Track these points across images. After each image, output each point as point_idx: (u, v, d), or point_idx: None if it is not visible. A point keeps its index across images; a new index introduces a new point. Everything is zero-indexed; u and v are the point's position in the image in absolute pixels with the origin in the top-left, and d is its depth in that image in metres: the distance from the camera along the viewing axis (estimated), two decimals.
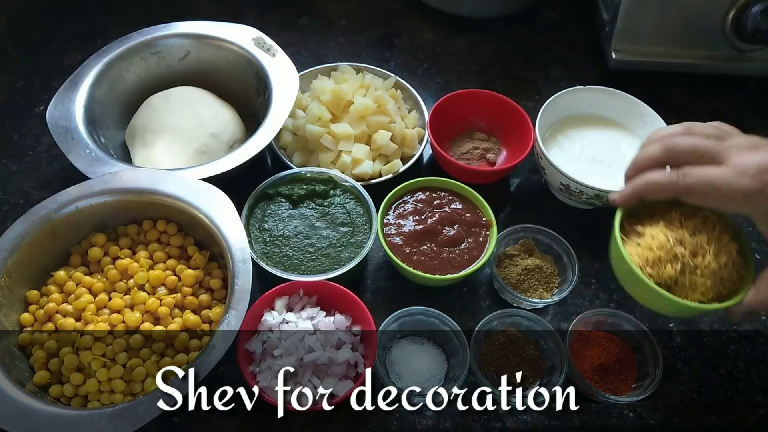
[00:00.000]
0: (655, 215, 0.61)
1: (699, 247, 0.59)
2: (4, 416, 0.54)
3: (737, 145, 0.56)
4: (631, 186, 0.59)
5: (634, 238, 0.61)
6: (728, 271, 0.59)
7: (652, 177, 0.58)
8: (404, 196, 0.75)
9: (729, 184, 0.54)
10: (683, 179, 0.56)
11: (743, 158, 0.54)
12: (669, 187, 0.57)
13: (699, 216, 0.60)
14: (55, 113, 0.74)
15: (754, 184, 0.53)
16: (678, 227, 0.59)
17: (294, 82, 0.78)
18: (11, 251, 0.63)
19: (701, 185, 0.55)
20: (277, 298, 0.64)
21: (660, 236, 0.59)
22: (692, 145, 0.57)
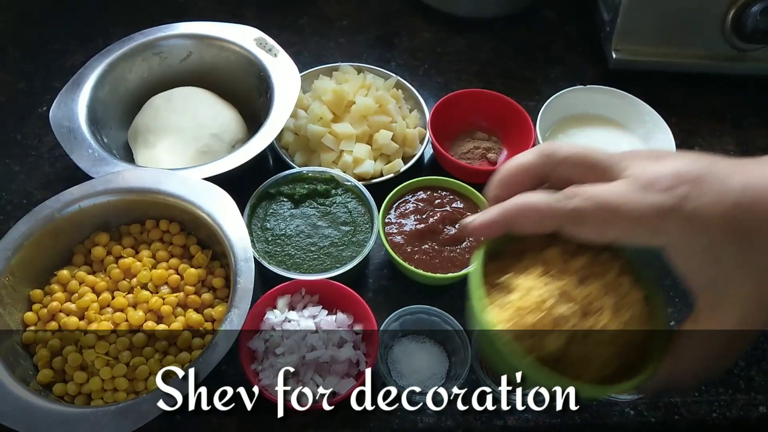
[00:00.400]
0: (526, 256, 0.43)
1: (591, 301, 0.40)
2: (6, 414, 0.54)
3: (634, 155, 0.40)
4: (497, 211, 0.41)
5: (499, 294, 0.42)
6: (633, 332, 0.41)
7: (527, 198, 0.40)
8: (405, 196, 0.75)
9: (632, 202, 0.37)
10: (569, 201, 0.39)
11: (647, 168, 0.38)
12: (549, 213, 0.39)
13: (586, 253, 0.42)
14: (58, 113, 0.74)
15: (665, 200, 0.36)
16: (560, 273, 0.41)
17: (295, 82, 0.79)
18: (15, 250, 0.63)
19: (593, 208, 0.38)
20: (280, 297, 0.65)
21: (536, 290, 0.40)
22: (578, 154, 0.41)
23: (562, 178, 0.41)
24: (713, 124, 0.93)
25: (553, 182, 0.42)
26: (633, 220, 0.37)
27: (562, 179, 0.41)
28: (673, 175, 0.37)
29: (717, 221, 0.35)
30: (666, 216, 0.36)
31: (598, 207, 0.38)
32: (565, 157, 0.41)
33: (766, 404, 0.66)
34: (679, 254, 0.37)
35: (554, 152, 0.41)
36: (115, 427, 0.54)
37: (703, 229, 0.36)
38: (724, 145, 0.90)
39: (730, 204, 0.35)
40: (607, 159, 0.40)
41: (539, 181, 0.42)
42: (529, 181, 0.42)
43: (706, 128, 0.92)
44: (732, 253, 0.36)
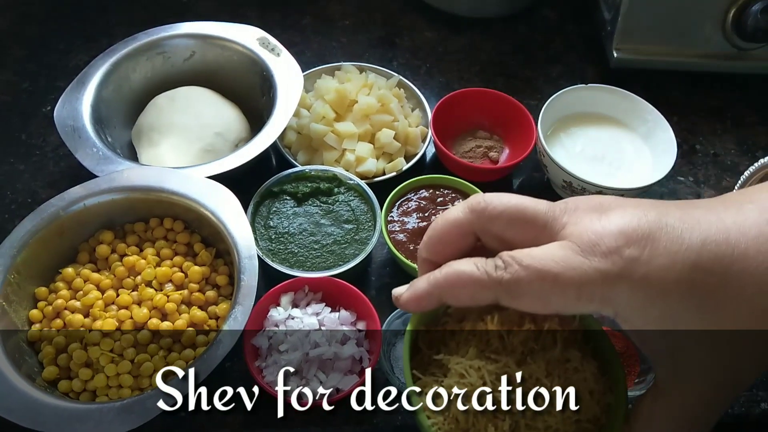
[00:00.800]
0: (466, 323, 0.40)
1: (533, 384, 0.37)
2: (13, 410, 0.55)
3: (577, 206, 0.36)
4: (428, 283, 0.38)
5: (432, 376, 0.39)
6: (589, 412, 0.37)
7: (460, 268, 0.36)
8: (408, 194, 0.75)
9: (574, 269, 0.33)
10: (503, 272, 0.35)
11: (590, 225, 0.34)
12: (483, 285, 0.35)
13: (530, 322, 0.38)
14: (62, 112, 0.75)
15: (611, 264, 0.32)
16: (497, 352, 0.38)
17: (298, 82, 0.79)
18: (20, 248, 0.64)
19: (531, 278, 0.34)
20: (283, 294, 0.65)
21: (470, 378, 0.37)
22: (511, 208, 0.37)
23: (498, 235, 0.37)
24: (714, 123, 0.93)
25: (487, 240, 0.38)
26: (576, 289, 0.33)
27: (498, 237, 0.37)
28: (619, 235, 0.33)
29: (673, 286, 0.32)
30: (613, 283, 0.32)
31: (536, 277, 0.34)
32: (499, 213, 0.37)
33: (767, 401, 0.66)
34: (631, 323, 0.34)
35: (485, 208, 0.37)
36: (121, 422, 0.54)
37: (658, 295, 0.32)
38: (725, 144, 0.91)
39: (687, 266, 0.32)
40: (545, 214, 0.36)
41: (472, 238, 0.39)
42: (460, 241, 0.39)
43: (707, 127, 0.92)
44: (692, 320, 0.32)
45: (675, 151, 0.76)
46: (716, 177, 0.87)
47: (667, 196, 0.84)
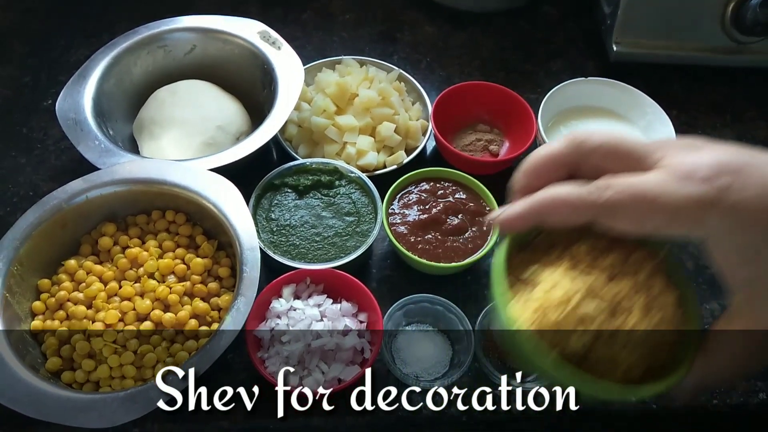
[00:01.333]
0: (553, 250, 0.42)
1: (620, 300, 0.39)
2: (17, 400, 0.55)
3: (672, 144, 0.38)
4: (526, 204, 0.40)
5: (524, 288, 0.41)
6: (663, 333, 0.39)
7: (557, 191, 0.39)
8: (408, 187, 0.76)
9: (670, 193, 0.35)
10: (602, 193, 0.37)
11: (682, 158, 0.36)
12: (581, 206, 0.38)
13: (617, 250, 0.41)
14: (64, 105, 0.75)
15: (706, 190, 0.34)
16: (588, 269, 0.40)
17: (299, 75, 0.79)
18: (23, 240, 0.64)
19: (629, 200, 0.36)
20: (285, 286, 0.65)
21: (562, 286, 0.39)
22: (610, 142, 0.39)
23: (594, 168, 0.39)
24: (713, 116, 0.93)
25: (584, 172, 0.40)
26: (671, 211, 0.35)
27: (594, 169, 0.39)
28: (714, 165, 0.35)
29: (760, 216, 0.34)
30: (706, 208, 0.34)
31: (633, 198, 0.36)
32: (597, 146, 0.39)
33: (765, 391, 0.67)
34: (718, 248, 0.36)
35: (585, 141, 0.39)
36: (125, 412, 0.55)
37: (746, 223, 0.34)
38: (724, 138, 0.90)
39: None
40: (642, 148, 0.38)
41: (569, 171, 0.40)
42: (558, 171, 0.40)
43: (706, 121, 0.93)
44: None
45: None
46: None
47: None
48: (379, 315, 0.63)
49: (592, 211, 0.37)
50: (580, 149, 0.40)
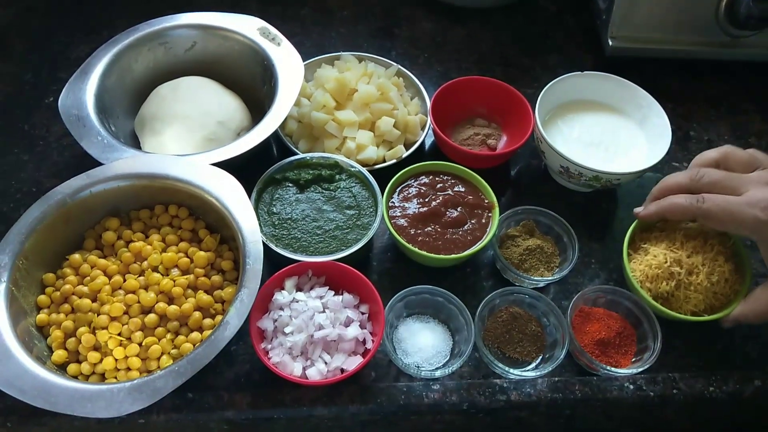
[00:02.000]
0: (661, 235, 0.72)
1: (694, 267, 0.69)
2: (25, 391, 0.56)
3: (758, 179, 0.64)
4: (656, 205, 0.69)
5: (640, 255, 0.72)
6: (721, 288, 0.69)
7: (676, 200, 0.67)
8: (408, 180, 0.77)
9: (741, 213, 0.63)
10: (702, 204, 0.65)
11: (758, 192, 0.63)
12: (689, 210, 0.66)
13: (700, 238, 0.71)
14: (67, 102, 0.76)
15: (762, 215, 0.62)
16: (678, 248, 0.70)
17: (299, 70, 0.80)
18: (28, 234, 0.65)
19: (718, 211, 0.64)
20: (287, 279, 0.66)
21: (660, 256, 0.70)
22: (716, 180, 0.65)
23: (702, 190, 0.66)
24: (708, 110, 0.95)
25: (694, 190, 0.67)
26: (740, 222, 0.63)
27: (702, 190, 0.66)
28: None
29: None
30: (761, 225, 0.62)
31: (721, 211, 0.64)
32: (707, 182, 0.66)
33: (760, 378, 0.68)
34: (763, 247, 0.65)
35: (701, 179, 0.66)
36: (131, 402, 0.56)
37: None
38: (719, 130, 0.92)
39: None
40: (737, 181, 0.65)
41: (685, 190, 0.68)
42: (678, 191, 0.68)
43: (702, 114, 0.94)
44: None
45: (669, 136, 0.77)
46: None
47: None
48: (380, 306, 0.64)
49: (695, 214, 0.66)
50: (696, 183, 0.67)
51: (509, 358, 0.69)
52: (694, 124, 0.93)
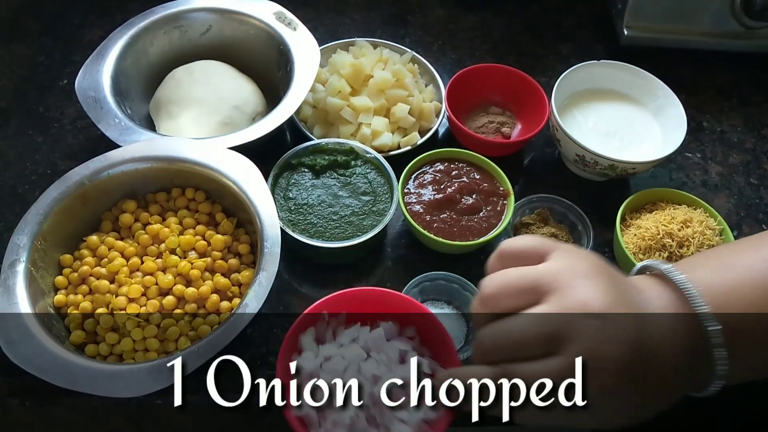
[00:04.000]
0: (653, 208, 0.75)
1: (685, 240, 0.70)
2: (45, 370, 0.56)
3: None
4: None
5: (631, 230, 0.74)
6: None
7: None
8: (424, 167, 0.77)
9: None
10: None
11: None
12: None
13: (689, 215, 0.72)
14: (83, 84, 0.75)
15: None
16: (669, 222, 0.71)
17: (315, 56, 0.80)
18: (46, 215, 0.65)
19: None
20: (302, 335, 0.53)
21: (653, 228, 0.71)
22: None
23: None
24: (721, 101, 0.95)
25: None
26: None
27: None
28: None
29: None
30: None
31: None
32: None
33: None
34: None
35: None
36: (151, 382, 0.56)
37: None
38: (731, 122, 0.92)
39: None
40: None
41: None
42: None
43: (714, 105, 0.94)
44: None
45: (685, 126, 0.78)
46: (723, 154, 0.88)
47: (676, 171, 0.86)
48: (436, 323, 0.52)
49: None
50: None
51: None
52: (707, 116, 0.93)
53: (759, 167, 0.87)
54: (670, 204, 0.75)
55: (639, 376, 0.40)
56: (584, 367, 0.39)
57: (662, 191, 0.76)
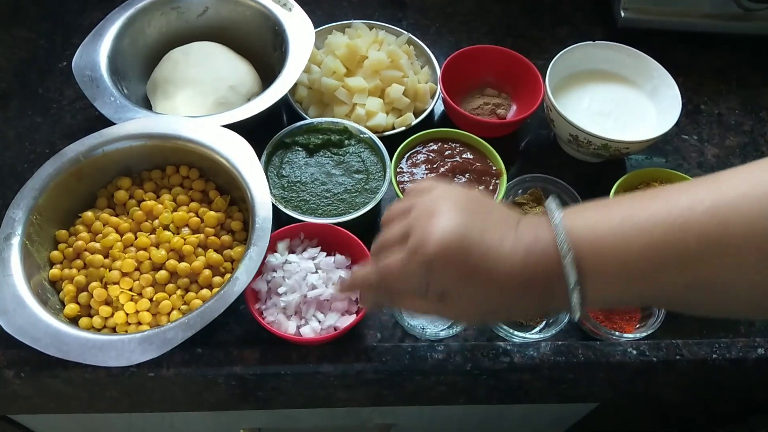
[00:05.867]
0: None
1: None
2: (38, 339, 0.58)
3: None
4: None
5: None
6: None
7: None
8: (417, 146, 0.77)
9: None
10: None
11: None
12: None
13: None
14: (80, 63, 0.76)
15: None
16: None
17: (310, 36, 0.81)
18: (41, 191, 0.66)
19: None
20: (279, 241, 0.67)
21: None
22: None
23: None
24: (719, 83, 0.94)
25: None
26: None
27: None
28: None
29: None
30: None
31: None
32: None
33: (764, 347, 0.68)
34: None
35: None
36: (141, 352, 0.57)
37: None
38: (729, 104, 0.92)
39: None
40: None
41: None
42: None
43: (712, 88, 0.94)
44: None
45: (679, 106, 0.77)
46: (720, 136, 0.88)
47: (672, 154, 0.85)
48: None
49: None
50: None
51: (513, 322, 0.69)
52: (705, 98, 0.92)
53: (756, 149, 0.87)
54: (664, 184, 0.75)
55: (463, 265, 0.44)
56: (412, 247, 0.46)
57: (656, 171, 0.76)
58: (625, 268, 0.42)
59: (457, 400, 0.73)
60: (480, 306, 0.47)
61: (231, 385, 0.66)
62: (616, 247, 0.42)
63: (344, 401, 0.72)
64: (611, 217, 0.43)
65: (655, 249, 0.41)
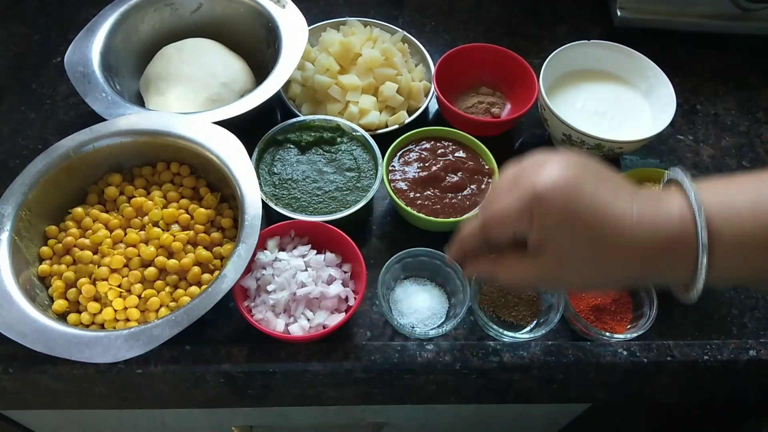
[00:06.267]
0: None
1: None
2: (25, 335, 0.58)
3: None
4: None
5: None
6: None
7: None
8: (409, 145, 0.77)
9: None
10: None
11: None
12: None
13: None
14: (73, 58, 0.76)
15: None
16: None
17: (303, 32, 0.80)
18: (31, 186, 0.66)
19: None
20: (269, 239, 0.67)
21: None
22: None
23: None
24: (715, 84, 0.94)
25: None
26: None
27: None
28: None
29: None
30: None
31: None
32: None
33: (756, 348, 0.68)
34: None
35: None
36: (128, 348, 0.57)
37: None
38: (726, 105, 0.91)
39: None
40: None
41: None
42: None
43: (708, 88, 0.93)
44: None
45: (674, 106, 0.77)
46: (716, 136, 0.88)
47: (667, 154, 0.85)
48: (362, 265, 0.64)
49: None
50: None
51: (504, 322, 0.69)
52: (701, 98, 0.92)
53: (752, 150, 0.86)
54: (657, 184, 0.75)
55: (567, 210, 0.44)
56: (518, 189, 0.46)
57: (649, 171, 0.76)
58: (753, 242, 0.43)
59: (448, 399, 0.72)
60: (579, 263, 0.46)
61: (220, 383, 0.66)
62: (747, 223, 0.43)
63: (334, 399, 0.72)
64: (743, 192, 0.45)
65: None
